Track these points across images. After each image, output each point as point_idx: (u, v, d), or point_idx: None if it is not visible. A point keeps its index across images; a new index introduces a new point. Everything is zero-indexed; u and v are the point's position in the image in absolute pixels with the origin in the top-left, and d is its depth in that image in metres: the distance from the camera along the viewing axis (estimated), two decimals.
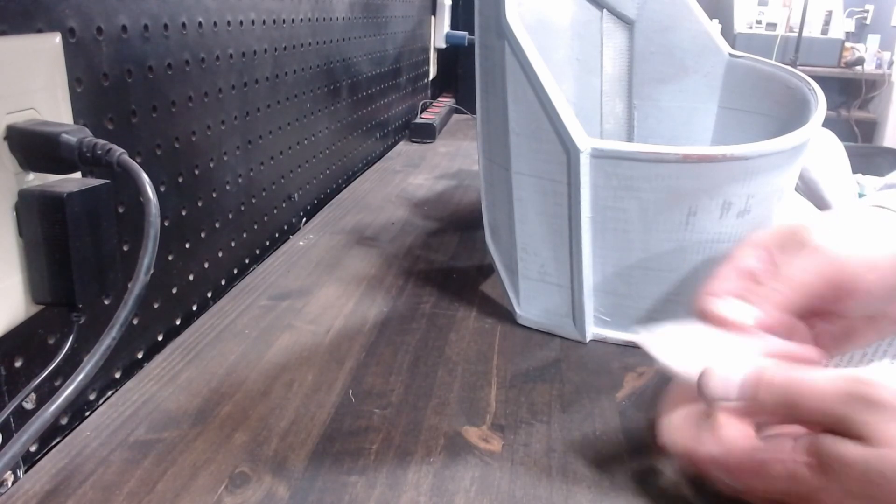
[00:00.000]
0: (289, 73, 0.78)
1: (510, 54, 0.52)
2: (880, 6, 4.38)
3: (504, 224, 0.59)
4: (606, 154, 0.49)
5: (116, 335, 0.36)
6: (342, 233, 0.81)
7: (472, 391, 0.50)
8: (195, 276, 0.60)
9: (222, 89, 0.62)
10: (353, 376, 0.51)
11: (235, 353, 0.54)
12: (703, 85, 0.73)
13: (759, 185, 0.49)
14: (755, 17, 4.23)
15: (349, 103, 1.04)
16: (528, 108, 0.52)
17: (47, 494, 0.38)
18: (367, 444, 0.43)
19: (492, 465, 0.42)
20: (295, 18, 0.78)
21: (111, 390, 0.48)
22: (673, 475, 0.41)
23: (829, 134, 0.84)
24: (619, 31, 0.77)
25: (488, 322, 0.60)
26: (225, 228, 0.65)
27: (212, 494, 0.38)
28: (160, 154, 0.53)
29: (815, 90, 0.58)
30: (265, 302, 0.62)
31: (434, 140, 1.39)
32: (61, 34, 0.41)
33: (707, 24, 0.73)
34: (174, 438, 0.43)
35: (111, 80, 0.46)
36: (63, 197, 0.38)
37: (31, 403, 0.40)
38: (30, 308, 0.40)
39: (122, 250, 0.48)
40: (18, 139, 0.37)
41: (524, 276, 0.57)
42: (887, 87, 4.29)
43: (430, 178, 1.09)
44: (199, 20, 0.57)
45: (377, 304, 0.63)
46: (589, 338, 0.57)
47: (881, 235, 0.37)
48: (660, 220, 0.50)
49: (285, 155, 0.79)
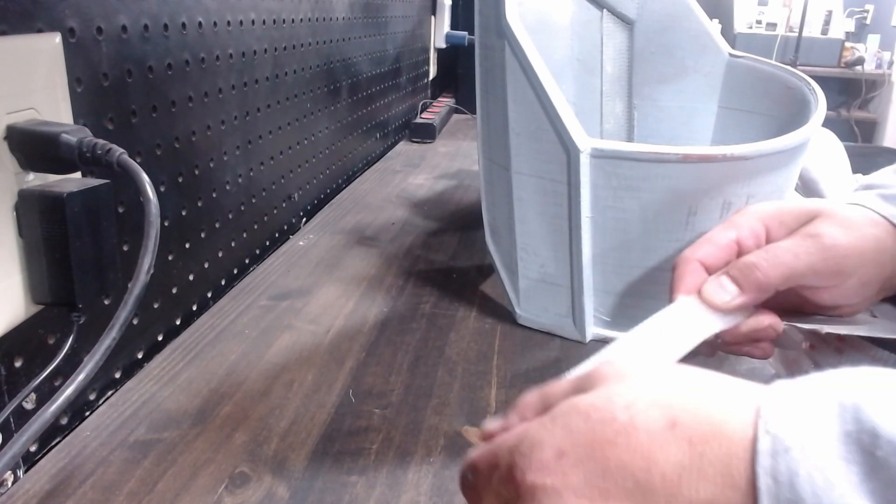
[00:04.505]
0: (289, 73, 0.78)
1: (510, 54, 0.52)
2: (880, 6, 4.38)
3: (504, 224, 0.59)
4: (606, 154, 0.49)
5: (116, 335, 0.36)
6: (342, 233, 0.81)
7: (472, 391, 0.50)
8: (195, 276, 0.60)
9: (222, 89, 0.62)
10: (353, 376, 0.51)
11: (235, 353, 0.54)
12: (703, 85, 0.73)
13: (759, 185, 0.49)
14: (755, 17, 4.23)
15: (349, 103, 1.04)
16: (528, 108, 0.52)
17: (47, 494, 0.38)
18: (367, 444, 0.43)
19: None
20: (295, 18, 0.78)
21: (111, 390, 0.48)
22: None
23: (829, 134, 0.84)
24: (619, 31, 0.77)
25: (488, 322, 0.60)
26: (225, 228, 0.65)
27: (212, 494, 0.38)
28: (160, 154, 0.53)
29: (815, 90, 0.58)
30: (265, 302, 0.62)
31: (434, 140, 1.39)
32: (61, 34, 0.41)
33: (707, 24, 0.73)
34: (174, 438, 0.43)
35: (111, 80, 0.46)
36: (63, 197, 0.38)
37: (31, 403, 0.40)
38: (30, 308, 0.40)
39: (122, 250, 0.48)
40: (18, 139, 0.37)
41: (524, 276, 0.57)
42: (887, 87, 4.29)
43: (430, 178, 1.09)
44: (199, 20, 0.57)
45: (377, 304, 0.63)
46: (589, 338, 0.57)
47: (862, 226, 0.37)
48: (660, 220, 0.50)
49: (285, 155, 0.79)
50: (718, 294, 0.37)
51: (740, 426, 0.21)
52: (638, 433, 0.22)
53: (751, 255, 0.37)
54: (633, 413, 0.23)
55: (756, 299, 0.37)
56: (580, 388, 0.26)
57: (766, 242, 0.38)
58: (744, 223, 0.39)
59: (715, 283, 0.37)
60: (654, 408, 0.23)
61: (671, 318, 0.37)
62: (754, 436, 0.21)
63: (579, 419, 0.24)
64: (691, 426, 0.22)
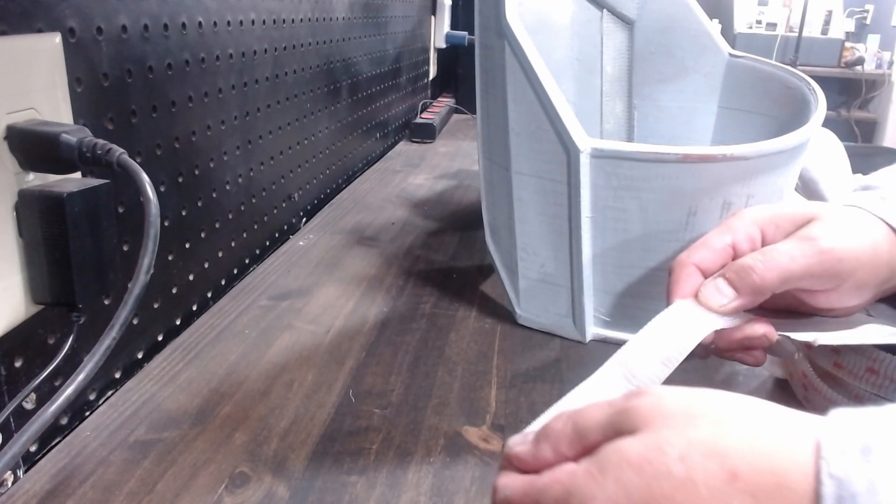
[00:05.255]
0: (289, 73, 0.78)
1: (510, 54, 0.52)
2: (880, 6, 4.38)
3: (504, 224, 0.59)
4: (606, 154, 0.49)
5: (116, 335, 0.36)
6: (342, 233, 0.81)
7: (472, 391, 0.50)
8: (195, 276, 0.60)
9: (222, 89, 0.62)
10: (353, 376, 0.51)
11: (235, 353, 0.54)
12: (703, 85, 0.73)
13: (759, 185, 0.49)
14: (755, 17, 4.23)
15: (349, 103, 1.04)
16: (528, 108, 0.52)
17: (47, 494, 0.38)
18: (367, 444, 0.43)
19: (492, 465, 0.42)
20: (295, 18, 0.78)
21: (111, 390, 0.48)
22: None
23: (829, 134, 0.84)
24: (619, 31, 0.77)
25: (488, 322, 0.60)
26: (225, 228, 0.65)
27: (212, 494, 0.38)
28: (160, 154, 0.53)
29: (815, 90, 0.58)
30: (265, 302, 0.62)
31: (434, 140, 1.39)
32: (61, 34, 0.41)
33: (707, 24, 0.73)
34: (174, 438, 0.43)
35: (111, 80, 0.46)
36: (63, 197, 0.38)
37: (31, 403, 0.40)
38: (30, 308, 0.40)
39: (122, 250, 0.48)
40: (18, 139, 0.37)
41: (524, 276, 0.57)
42: (887, 87, 4.29)
43: (430, 178, 1.09)
44: (199, 20, 0.57)
45: (377, 304, 0.63)
46: (589, 338, 0.57)
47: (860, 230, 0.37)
48: (660, 220, 0.50)
49: (285, 155, 0.79)
50: (715, 297, 0.37)
51: (802, 474, 0.21)
52: (698, 488, 0.21)
53: (747, 258, 0.37)
54: (689, 465, 0.22)
55: (752, 302, 0.37)
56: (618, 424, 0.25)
57: (761, 245, 0.38)
58: (739, 227, 0.39)
59: (711, 286, 0.37)
60: (711, 458, 0.22)
61: (669, 322, 0.37)
62: (817, 481, 0.20)
63: (632, 473, 0.23)
64: (752, 478, 0.21)
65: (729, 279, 0.37)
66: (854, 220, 0.38)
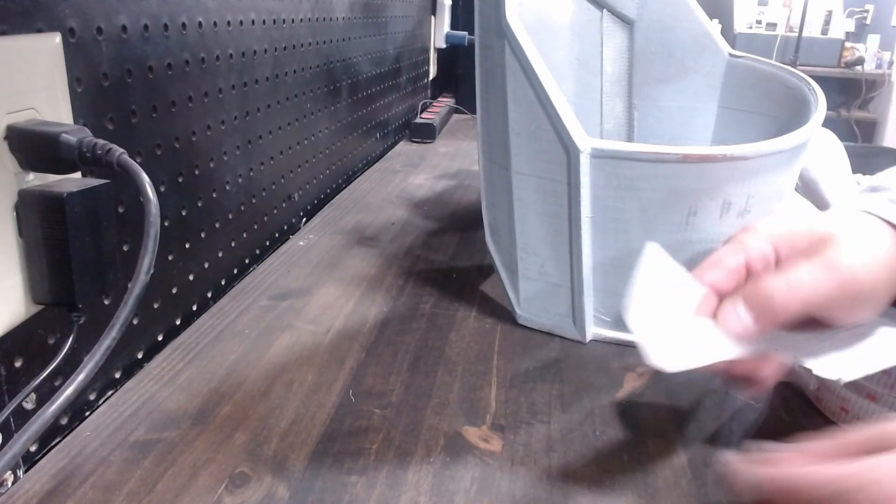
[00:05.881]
0: (289, 73, 0.78)
1: (510, 54, 0.52)
2: (880, 6, 4.38)
3: (504, 224, 0.59)
4: (606, 154, 0.49)
5: (116, 335, 0.36)
6: (342, 233, 0.81)
7: (472, 391, 0.50)
8: (195, 276, 0.60)
9: (222, 89, 0.62)
10: (353, 376, 0.51)
11: (235, 353, 0.54)
12: (703, 85, 0.73)
13: (759, 185, 0.49)
14: (755, 17, 4.23)
15: (349, 103, 1.04)
16: (528, 108, 0.52)
17: (47, 494, 0.38)
18: (367, 444, 0.43)
19: (492, 465, 0.42)
20: (295, 18, 0.78)
21: (111, 390, 0.48)
22: (672, 475, 0.41)
23: (829, 134, 0.84)
24: (619, 31, 0.77)
25: (488, 322, 0.60)
26: (225, 228, 0.65)
27: (212, 494, 0.38)
28: (160, 154, 0.53)
29: (815, 90, 0.58)
30: (265, 302, 0.62)
31: (434, 140, 1.39)
32: (61, 34, 0.41)
33: (707, 24, 0.73)
34: (174, 438, 0.43)
35: (111, 80, 0.46)
36: (63, 197, 0.38)
37: (31, 403, 0.40)
38: (30, 308, 0.40)
39: (122, 250, 0.48)
40: (18, 139, 0.37)
41: (524, 276, 0.57)
42: (887, 87, 4.29)
43: (430, 178, 1.09)
44: (199, 20, 0.57)
45: (377, 304, 0.63)
46: (589, 338, 0.57)
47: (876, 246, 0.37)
48: (660, 220, 0.50)
49: (285, 155, 0.79)
50: (734, 322, 0.36)
51: None
52: None
53: (769, 284, 0.36)
54: None
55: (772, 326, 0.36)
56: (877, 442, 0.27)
57: (775, 264, 0.38)
58: (753, 244, 0.38)
59: (732, 311, 0.36)
60: None
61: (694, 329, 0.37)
62: None
63: None
64: None
65: (750, 306, 0.36)
66: (871, 236, 0.37)
